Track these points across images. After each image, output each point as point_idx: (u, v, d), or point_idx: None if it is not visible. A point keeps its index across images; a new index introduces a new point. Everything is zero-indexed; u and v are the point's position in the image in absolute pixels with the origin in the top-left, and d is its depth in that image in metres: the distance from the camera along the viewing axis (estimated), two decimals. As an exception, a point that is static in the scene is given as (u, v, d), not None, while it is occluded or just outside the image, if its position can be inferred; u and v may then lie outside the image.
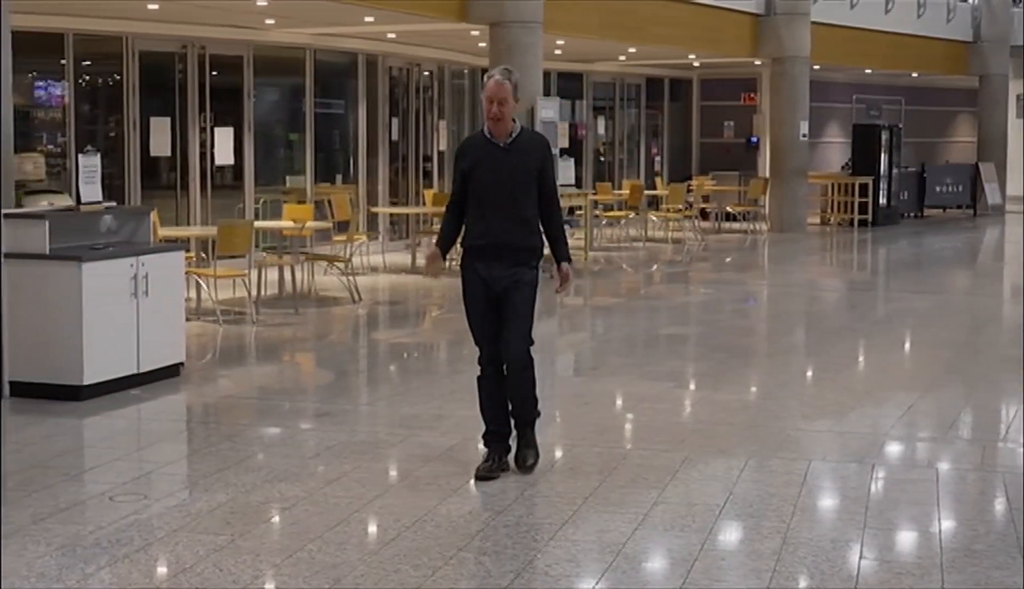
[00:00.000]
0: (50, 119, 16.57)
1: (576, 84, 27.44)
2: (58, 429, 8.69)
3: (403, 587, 5.55)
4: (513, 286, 7.23)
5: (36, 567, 5.82)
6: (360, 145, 20.81)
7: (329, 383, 11.07)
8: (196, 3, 14.79)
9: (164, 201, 16.90)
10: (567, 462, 7.98)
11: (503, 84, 7.16)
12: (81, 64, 16.69)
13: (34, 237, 9.33)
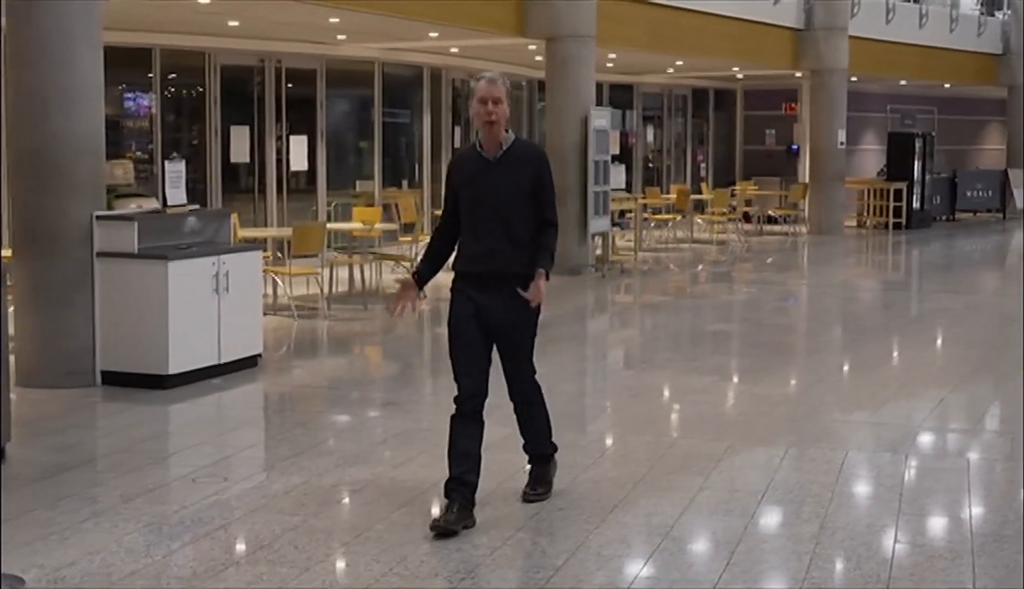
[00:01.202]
0: (138, 128, 16.73)
1: (626, 95, 27.39)
2: (145, 416, 8.77)
3: (465, 565, 5.57)
4: (511, 325, 6.24)
5: (125, 543, 5.88)
6: (424, 151, 20.87)
7: (395, 374, 11.11)
8: (273, 20, 14.87)
9: (243, 204, 17.02)
10: (618, 450, 7.98)
11: (496, 82, 6.12)
12: (167, 77, 16.83)
13: (124, 238, 9.41)
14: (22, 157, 9.32)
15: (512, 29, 17.08)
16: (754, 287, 17.68)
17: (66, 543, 5.86)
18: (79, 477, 7.16)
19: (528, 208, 6.19)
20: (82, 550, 5.76)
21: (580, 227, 17.37)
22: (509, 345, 6.33)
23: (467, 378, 6.22)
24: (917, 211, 27.62)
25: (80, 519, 6.24)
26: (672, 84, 28.76)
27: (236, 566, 5.64)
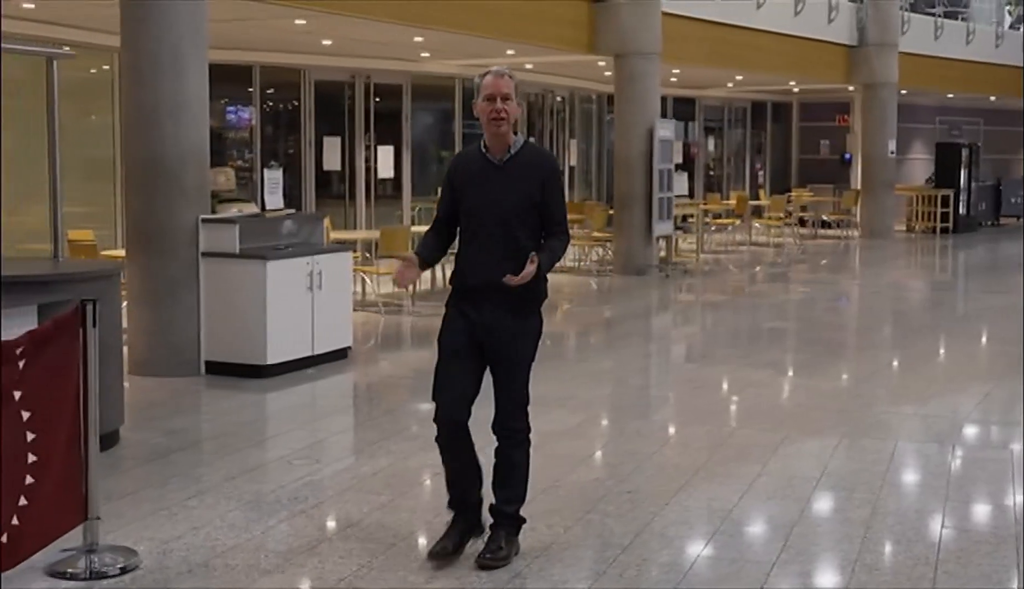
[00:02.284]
0: (239, 138, 16.90)
1: (689, 108, 27.25)
2: (245, 402, 8.85)
3: (539, 544, 5.57)
4: (508, 342, 5.20)
5: (227, 519, 5.94)
6: (501, 160, 20.85)
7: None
8: (363, 39, 14.96)
9: (335, 208, 17.13)
10: (680, 438, 7.94)
11: (504, 76, 5.14)
12: (266, 92, 16.99)
13: (227, 239, 9.51)
14: (135, 165, 9.45)
15: (583, 47, 17.08)
16: (809, 287, 17.52)
17: (174, 518, 5.93)
18: (186, 458, 7.25)
19: (534, 218, 5.21)
20: (188, 525, 5.82)
21: (645, 230, 17.33)
22: (503, 367, 5.23)
23: (445, 397, 5.20)
24: (963, 216, 27.34)
25: (186, 497, 6.31)
26: (732, 97, 28.58)
27: (328, 542, 5.67)
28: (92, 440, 5.20)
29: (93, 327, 5.17)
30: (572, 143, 22.95)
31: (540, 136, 21.98)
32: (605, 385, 9.83)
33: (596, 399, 9.22)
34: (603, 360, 11.09)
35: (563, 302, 15.20)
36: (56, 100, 7.86)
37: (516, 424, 5.28)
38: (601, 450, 7.59)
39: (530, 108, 21.60)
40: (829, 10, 23.64)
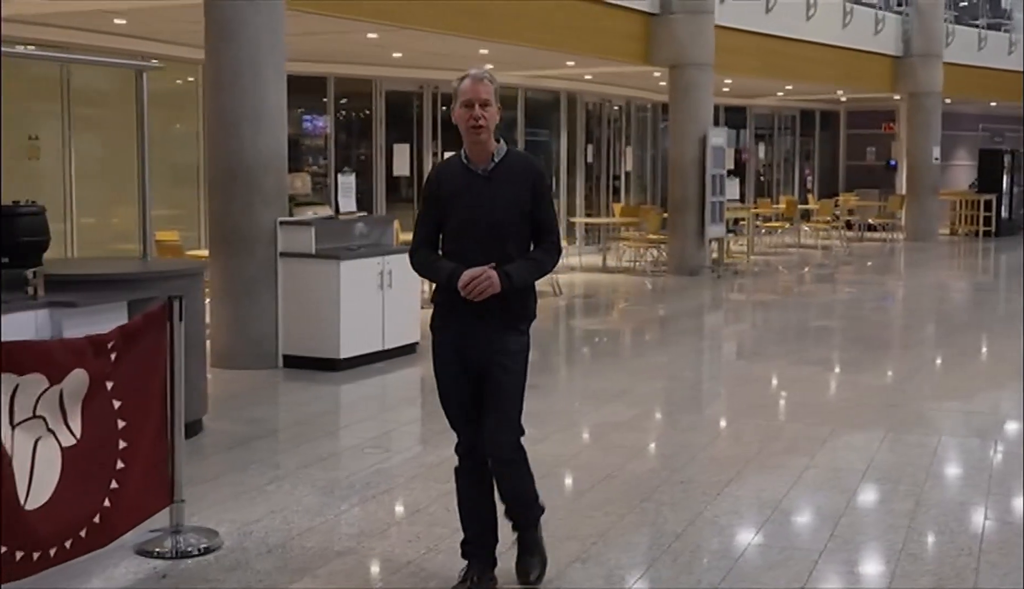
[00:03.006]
0: (315, 146, 17.01)
1: (740, 116, 27.08)
2: (320, 394, 8.91)
3: (596, 530, 5.56)
4: (496, 361, 4.59)
5: (303, 503, 5.98)
6: (561, 166, 20.86)
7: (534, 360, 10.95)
8: (431, 52, 15.01)
9: (404, 212, 17.16)
10: (731, 431, 7.90)
11: (483, 81, 4.55)
12: (339, 101, 17.09)
13: (303, 240, 9.58)
14: (218, 171, 9.54)
15: (640, 58, 17.04)
16: (855, 287, 17.35)
17: (253, 502, 5.99)
18: (264, 446, 7.31)
19: (524, 229, 4.59)
20: (266, 508, 5.87)
21: (698, 233, 17.28)
22: (491, 389, 4.63)
23: (464, 430, 4.77)
24: (1005, 220, 27.03)
25: (265, 482, 6.37)
26: (781, 106, 28.35)
27: (397, 526, 5.70)
28: (178, 428, 5.27)
29: (179, 322, 5.23)
30: (628, 150, 22.90)
31: (598, 144, 21.94)
32: (659, 380, 9.79)
33: (651, 393, 9.19)
34: (658, 356, 11.06)
35: (619, 301, 15.18)
36: (145, 110, 7.96)
37: (508, 448, 4.66)
38: (655, 442, 7.57)
39: (588, 117, 21.55)
40: (876, 22, 23.42)
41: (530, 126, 20.14)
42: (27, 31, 11.50)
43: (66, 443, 4.59)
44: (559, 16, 14.68)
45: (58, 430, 4.57)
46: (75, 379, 4.61)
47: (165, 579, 4.93)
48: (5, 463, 4.32)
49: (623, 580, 4.96)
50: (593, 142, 21.81)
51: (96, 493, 4.76)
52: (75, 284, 6.43)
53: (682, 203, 17.40)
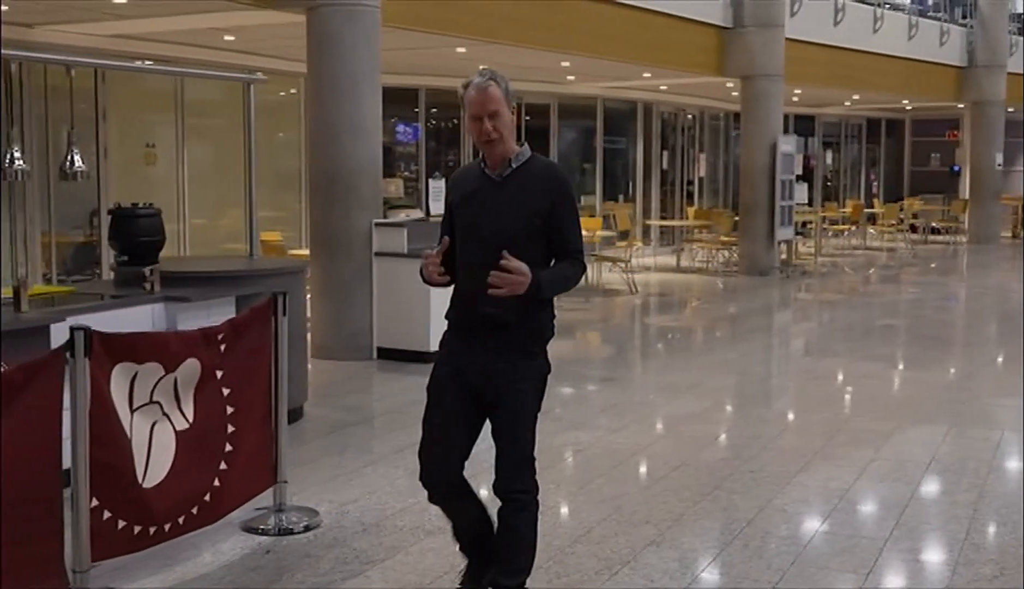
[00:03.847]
0: (407, 153, 17.12)
1: (809, 124, 26.74)
2: (411, 384, 8.94)
3: (670, 515, 5.53)
4: (507, 386, 3.91)
5: (396, 485, 6.02)
6: (637, 172, 20.79)
7: (611, 355, 11.10)
8: (516, 65, 15.03)
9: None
10: (799, 424, 7.80)
11: (488, 89, 3.93)
12: (430, 111, 17.18)
13: (396, 241, 9.65)
14: (318, 176, 9.65)
15: (713, 70, 16.91)
16: (919, 288, 17.03)
17: (350, 484, 6.05)
18: (360, 431, 7.38)
19: (538, 242, 3.89)
20: (362, 490, 5.93)
21: (768, 235, 17.11)
22: (503, 417, 3.95)
23: (430, 456, 4.10)
24: (1065, 224, 26.40)
25: (360, 465, 6.43)
26: (848, 115, 27.94)
27: (483, 508, 5.72)
28: (281, 414, 5.33)
29: (283, 316, 5.30)
30: (701, 157, 22.77)
31: (672, 150, 21.81)
32: (730, 374, 9.71)
33: (722, 387, 9.11)
34: (728, 352, 10.96)
35: (692, 299, 15.06)
36: (252, 119, 8.07)
37: (520, 485, 3.99)
38: (726, 433, 7.50)
39: (664, 125, 21.43)
40: (941, 34, 22.99)
41: (608, 134, 20.08)
42: (145, 47, 11.74)
43: (180, 427, 4.68)
44: (637, 31, 14.62)
45: (172, 415, 4.66)
46: (188, 368, 4.70)
47: (269, 554, 5.00)
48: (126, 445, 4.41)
49: (696, 563, 4.92)
50: (668, 149, 21.69)
51: (206, 473, 4.84)
52: (188, 280, 6.55)
53: (753, 207, 17.25)
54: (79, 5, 9.61)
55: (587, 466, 6.51)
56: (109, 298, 6.08)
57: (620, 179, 20.92)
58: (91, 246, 11.87)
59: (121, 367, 4.39)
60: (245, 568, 4.83)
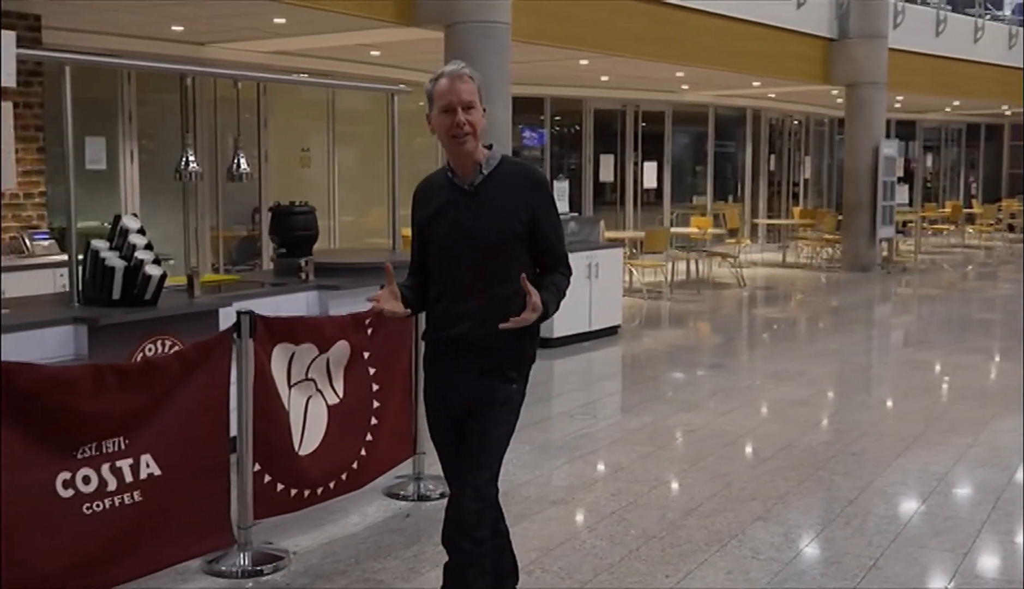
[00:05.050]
0: (533, 156, 17.12)
1: (910, 129, 25.94)
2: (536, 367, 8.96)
3: (776, 493, 5.44)
4: (481, 407, 3.27)
5: (523, 459, 6.05)
6: (746, 174, 20.45)
7: (720, 343, 10.94)
8: (634, 75, 14.94)
9: (608, 213, 17.17)
10: (898, 411, 7.58)
11: (462, 77, 3.21)
12: (554, 118, 17.17)
13: (523, 236, 9.67)
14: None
15: (819, 78, 16.55)
16: (1015, 285, 16.36)
17: (480, 457, 6.09)
18: (489, 409, 7.42)
19: (520, 253, 3.25)
20: (491, 462, 5.97)
21: (870, 233, 16.69)
22: (475, 431, 3.28)
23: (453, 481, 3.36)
24: None
25: (490, 440, 6.47)
26: (949, 120, 27.02)
27: (602, 482, 5.71)
28: (419, 391, 5.39)
29: (423, 304, 5.36)
30: (806, 159, 22.32)
31: (779, 154, 21.39)
32: (832, 363, 9.49)
33: (825, 375, 8.91)
34: (831, 342, 10.71)
35: (796, 293, 14.76)
36: (395, 127, 8.17)
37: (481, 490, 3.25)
38: (829, 418, 7.34)
39: (771, 130, 21.04)
40: (1040, 43, 22.08)
41: (719, 139, 19.81)
42: (302, 62, 11.99)
43: (331, 402, 4.78)
44: (748, 42, 14.40)
45: (325, 391, 4.76)
46: (339, 349, 4.79)
47: (408, 518, 5.08)
48: (284, 417, 4.53)
49: (800, 538, 4.83)
50: (775, 152, 21.30)
51: (354, 444, 4.94)
52: (338, 271, 6.67)
53: (855, 207, 16.84)
54: (245, 25, 9.87)
55: (698, 445, 6.45)
56: (269, 286, 6.24)
57: (730, 180, 20.63)
58: (253, 240, 12.20)
59: (281, 347, 4.50)
60: (388, 529, 4.91)
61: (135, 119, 10.63)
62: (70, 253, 5.25)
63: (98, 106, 10.31)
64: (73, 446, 3.64)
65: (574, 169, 17.42)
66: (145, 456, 3.84)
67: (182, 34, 10.31)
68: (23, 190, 8.44)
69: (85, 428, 3.67)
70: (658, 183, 18.49)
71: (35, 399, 3.50)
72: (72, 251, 5.24)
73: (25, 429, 3.48)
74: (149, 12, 9.01)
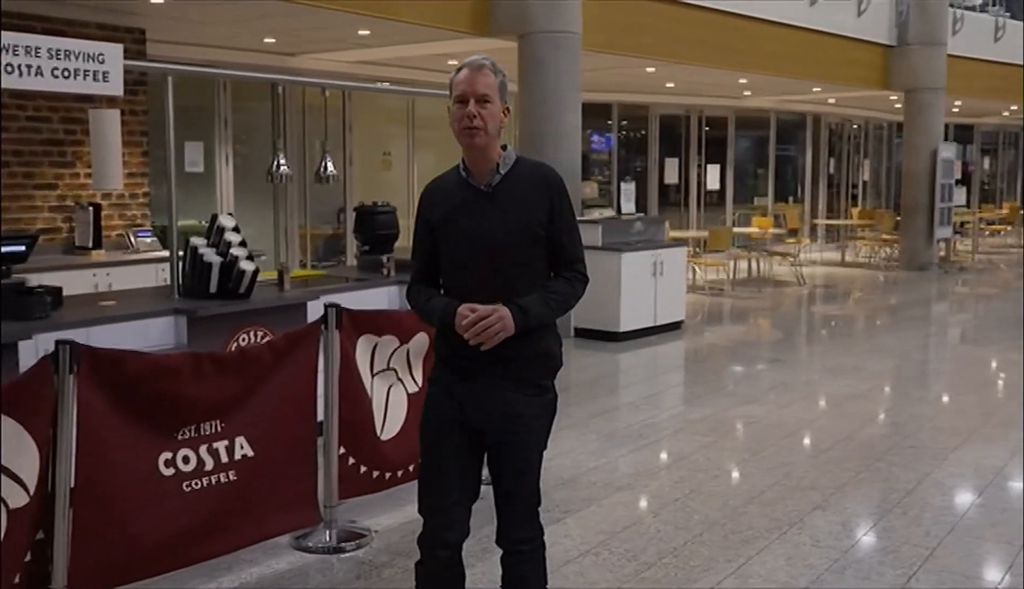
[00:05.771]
0: (601, 160, 17.05)
1: (968, 133, 25.30)
2: (603, 360, 8.97)
3: (834, 483, 5.35)
4: (510, 426, 2.92)
5: (590, 446, 6.04)
6: (806, 176, 20.12)
7: (780, 339, 10.78)
8: (698, 81, 14.79)
9: (672, 213, 17.03)
10: (955, 405, 7.40)
11: (481, 70, 2.89)
12: (621, 123, 17.07)
13: (592, 235, 9.62)
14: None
15: (879, 84, 16.22)
16: (1072, 284, 15.90)
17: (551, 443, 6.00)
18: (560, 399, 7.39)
19: (538, 256, 2.95)
20: (561, 449, 5.96)
21: (927, 234, 16.33)
22: (505, 459, 2.97)
23: (436, 514, 3.00)
24: None
25: (558, 429, 6.33)
26: (1006, 124, 26.26)
27: (666, 470, 5.67)
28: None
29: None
30: (865, 162, 21.89)
31: (839, 157, 21.02)
32: (890, 359, 9.30)
33: (883, 370, 8.74)
34: (888, 339, 10.50)
35: (855, 291, 14.50)
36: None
37: (525, 534, 3.00)
38: (886, 412, 7.20)
39: (831, 134, 20.68)
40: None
41: (780, 142, 19.53)
42: (384, 71, 12.08)
43: (411, 390, 4.81)
44: (809, 50, 14.16)
45: (405, 379, 4.79)
46: (418, 341, 4.82)
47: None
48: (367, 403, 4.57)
49: (858, 527, 4.74)
50: (834, 156, 20.93)
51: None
52: (418, 267, 6.70)
53: (913, 208, 16.48)
54: (332, 37, 9.98)
55: (758, 436, 6.37)
56: (354, 281, 6.30)
57: (790, 182, 20.32)
58: (338, 238, 12.33)
59: (364, 338, 4.54)
60: (462, 511, 4.92)
61: (230, 125, 10.82)
62: (171, 249, 5.36)
63: (196, 113, 10.51)
64: (174, 428, 3.71)
65: (640, 172, 17.31)
66: (239, 438, 3.91)
67: (274, 46, 10.46)
68: (128, 190, 8.63)
69: (185, 412, 3.74)
70: (721, 185, 18.29)
71: (140, 384, 3.58)
72: (173, 248, 5.35)
73: (131, 412, 3.56)
74: (244, 26, 9.16)
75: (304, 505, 4.22)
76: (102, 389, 3.45)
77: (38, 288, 4.76)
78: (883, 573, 4.19)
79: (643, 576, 4.15)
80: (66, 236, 8.20)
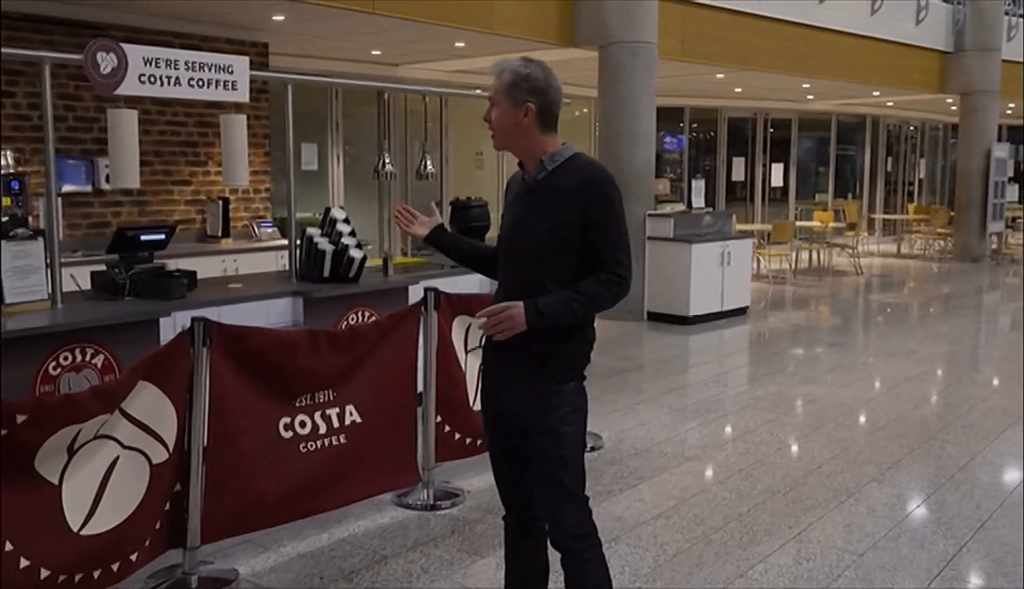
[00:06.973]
0: (673, 159, 16.85)
1: (1020, 133, 24.21)
2: (674, 341, 8.88)
3: (890, 458, 5.21)
4: (536, 427, 2.61)
5: (662, 420, 5.99)
6: (865, 174, 19.60)
7: (839, 324, 10.53)
8: (764, 86, 14.49)
9: (739, 208, 16.76)
10: (1005, 388, 7.12)
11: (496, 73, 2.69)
12: (692, 125, 16.84)
13: (664, 228, 9.55)
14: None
15: (935, 88, 15.68)
16: (1121, 276, 15.19)
17: (625, 417, 6.06)
18: (633, 377, 7.37)
19: (569, 256, 2.55)
20: (635, 422, 5.93)
21: (980, 228, 15.78)
22: (538, 463, 2.64)
23: (497, 480, 2.86)
24: None
25: (633, 403, 6.43)
26: (1058, 125, 25.18)
27: (732, 442, 5.59)
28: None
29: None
30: (921, 161, 21.22)
31: (896, 156, 20.41)
32: (943, 344, 9.01)
33: (936, 354, 8.47)
34: (942, 325, 10.17)
35: (910, 281, 14.07)
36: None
37: (574, 532, 2.64)
38: (939, 393, 6.97)
39: (889, 135, 20.08)
40: None
41: (840, 143, 19.04)
42: (478, 79, 12.10)
43: (500, 366, 4.81)
44: (869, 56, 13.77)
45: (495, 357, 4.79)
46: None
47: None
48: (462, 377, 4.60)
49: (912, 499, 4.61)
50: (892, 155, 20.33)
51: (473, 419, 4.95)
52: (507, 256, 6.71)
53: (967, 204, 15.93)
54: (431, 49, 10.03)
55: (818, 414, 6.23)
56: (449, 268, 6.32)
57: (849, 180, 19.80)
58: (435, 229, 12.39)
59: (459, 319, 4.56)
60: (545, 475, 4.93)
61: (341, 128, 10.98)
62: (290, 238, 5.46)
63: (312, 117, 10.68)
64: (292, 396, 3.79)
65: (709, 170, 17.05)
66: (349, 406, 3.97)
67: (380, 57, 10.57)
68: (253, 187, 8.82)
69: (301, 382, 3.81)
70: (784, 182, 17.92)
71: (263, 357, 3.65)
72: (291, 237, 5.45)
73: (255, 381, 3.64)
74: (354, 39, 9.27)
75: (405, 467, 4.27)
76: (230, 361, 3.53)
77: (176, 272, 4.90)
78: (935, 543, 4.06)
79: (711, 538, 4.11)
80: (199, 226, 8.42)
